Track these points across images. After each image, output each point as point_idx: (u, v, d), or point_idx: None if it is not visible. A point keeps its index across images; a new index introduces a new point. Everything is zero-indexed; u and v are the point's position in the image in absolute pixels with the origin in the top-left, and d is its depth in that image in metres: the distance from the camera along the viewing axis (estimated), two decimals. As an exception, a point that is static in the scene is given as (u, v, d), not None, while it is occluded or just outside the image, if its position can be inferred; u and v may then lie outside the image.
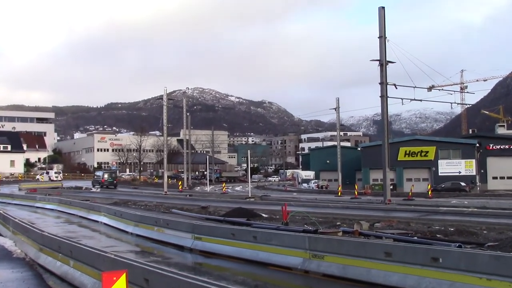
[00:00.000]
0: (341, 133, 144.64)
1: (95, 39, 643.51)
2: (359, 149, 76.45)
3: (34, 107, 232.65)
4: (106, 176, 68.08)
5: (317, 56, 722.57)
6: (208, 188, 65.57)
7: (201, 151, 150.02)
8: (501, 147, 67.69)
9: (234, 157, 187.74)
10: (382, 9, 34.22)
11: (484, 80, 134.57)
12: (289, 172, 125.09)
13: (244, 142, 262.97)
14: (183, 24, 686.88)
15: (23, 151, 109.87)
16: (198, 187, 75.54)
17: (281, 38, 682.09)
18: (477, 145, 66.70)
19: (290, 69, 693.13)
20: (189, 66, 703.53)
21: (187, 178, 72.96)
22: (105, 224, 22.63)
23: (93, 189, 58.22)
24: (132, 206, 32.67)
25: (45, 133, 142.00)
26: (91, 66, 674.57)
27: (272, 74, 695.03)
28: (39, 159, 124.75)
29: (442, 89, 43.66)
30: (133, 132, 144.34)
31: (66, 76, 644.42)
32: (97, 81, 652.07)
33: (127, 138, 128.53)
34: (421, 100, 40.01)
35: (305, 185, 79.47)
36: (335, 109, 60.42)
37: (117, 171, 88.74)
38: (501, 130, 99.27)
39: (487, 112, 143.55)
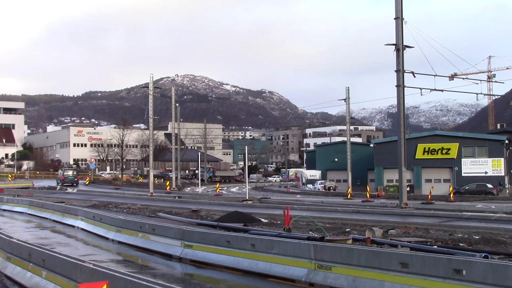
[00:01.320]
0: (352, 127, 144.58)
1: (73, 21, 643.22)
2: (371, 145, 76.43)
3: (0, 96, 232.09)
4: (68, 173, 75.19)
5: (325, 40, 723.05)
6: (199, 189, 65.58)
7: (192, 147, 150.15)
8: (534, 144, 67.84)
9: (229, 154, 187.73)
10: (399, -14, 34.22)
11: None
12: (292, 171, 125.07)
13: (241, 137, 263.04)
14: (172, 2, 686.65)
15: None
16: (189, 188, 75.50)
17: (285, 20, 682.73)
18: (506, 141, 66.70)
19: (294, 55, 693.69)
20: (179, 50, 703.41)
21: (176, 178, 72.96)
22: (82, 229, 22.63)
23: (69, 189, 58.22)
24: (113, 209, 32.67)
25: (13, 126, 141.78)
26: (68, 51, 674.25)
27: (273, 60, 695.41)
28: (6, 155, 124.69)
29: (467, 78, 43.65)
30: (114, 125, 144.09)
31: (39, 62, 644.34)
32: (75, 67, 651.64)
33: (107, 132, 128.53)
34: (442, 91, 40.03)
35: (310, 186, 79.50)
36: (344, 100, 60.37)
37: (77, 170, 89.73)
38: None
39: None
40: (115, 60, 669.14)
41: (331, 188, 75.05)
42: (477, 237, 18.01)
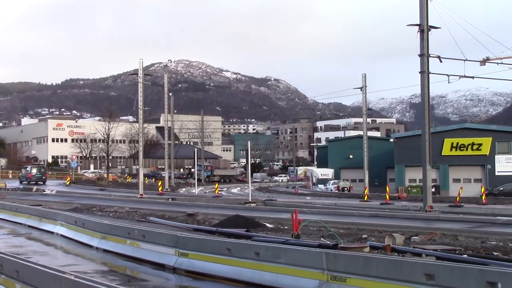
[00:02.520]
0: (369, 119, 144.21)
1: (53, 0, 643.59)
2: (391, 140, 76.47)
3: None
4: (34, 171, 77.78)
5: (340, 22, 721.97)
6: (196, 190, 65.63)
7: (187, 143, 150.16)
8: None
9: (229, 150, 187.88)
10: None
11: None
12: (301, 169, 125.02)
13: (242, 131, 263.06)
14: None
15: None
16: (184, 189, 75.58)
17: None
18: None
19: (304, 38, 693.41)
20: (173, 32, 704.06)
21: (169, 177, 73.02)
22: (62, 236, 22.64)
23: (47, 191, 58.32)
24: (98, 213, 32.70)
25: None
26: (46, 33, 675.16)
27: (280, 44, 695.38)
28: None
29: (501, 63, 43.34)
30: (99, 117, 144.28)
31: (13, 45, 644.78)
32: (54, 51, 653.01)
33: (91, 125, 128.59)
34: (473, 77, 39.92)
35: (321, 186, 79.52)
36: (361, 88, 60.23)
37: (46, 167, 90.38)
38: None
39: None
40: (100, 44, 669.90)
41: (345, 188, 75.06)
42: (513, 245, 17.97)
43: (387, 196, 48.48)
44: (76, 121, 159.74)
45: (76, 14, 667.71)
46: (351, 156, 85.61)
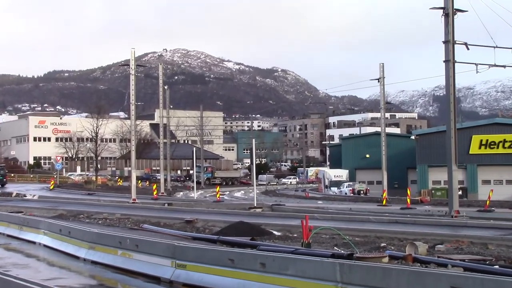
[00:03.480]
0: (387, 114, 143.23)
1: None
2: (413, 137, 76.22)
3: None
4: None
5: (355, 5, 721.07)
6: (195, 194, 65.66)
7: (185, 141, 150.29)
8: None
9: (232, 150, 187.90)
10: None
11: None
12: (311, 171, 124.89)
13: (246, 128, 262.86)
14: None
15: None
16: (181, 193, 75.61)
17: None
18: None
19: (315, 24, 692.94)
20: (168, 19, 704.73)
21: (165, 180, 73.04)
22: (46, 246, 22.64)
23: (28, 196, 58.39)
24: (85, 220, 32.72)
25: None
26: (27, 20, 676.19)
27: (288, 31, 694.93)
28: None
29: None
30: (86, 114, 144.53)
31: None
32: (36, 40, 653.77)
33: (77, 122, 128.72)
34: (504, 67, 39.72)
35: (334, 189, 79.41)
36: (378, 80, 60.08)
37: (4, 169, 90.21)
38: None
39: None
40: (88, 32, 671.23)
41: (362, 191, 74.95)
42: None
43: (408, 200, 48.36)
44: (60, 118, 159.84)
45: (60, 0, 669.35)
46: (367, 156, 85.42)
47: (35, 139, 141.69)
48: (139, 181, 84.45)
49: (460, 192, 48.04)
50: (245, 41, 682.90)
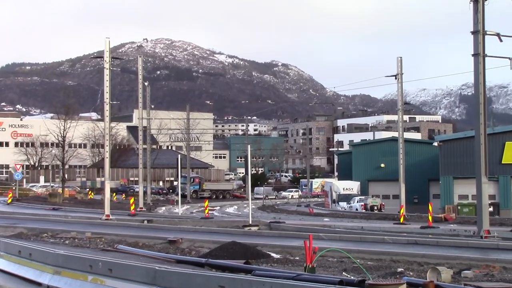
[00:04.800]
0: (406, 116, 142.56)
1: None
2: (435, 144, 76.22)
3: None
4: None
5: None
6: (180, 210, 65.53)
7: (168, 147, 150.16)
8: None
9: (224, 157, 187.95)
10: None
11: None
12: (317, 182, 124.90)
13: (241, 132, 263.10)
14: None
15: None
16: (163, 208, 75.42)
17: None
18: None
19: (322, 12, 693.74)
20: (150, 3, 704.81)
21: (145, 193, 72.95)
22: (1, 271, 22.56)
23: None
24: (50, 240, 32.66)
25: None
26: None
27: (290, 20, 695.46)
28: None
29: None
30: (51, 114, 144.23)
31: None
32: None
33: (41, 124, 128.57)
34: (543, 62, 39.79)
35: (343, 204, 79.35)
36: (395, 76, 60.15)
37: None
38: None
39: None
40: (54, 18, 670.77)
41: (375, 207, 74.87)
42: None
43: (430, 218, 48.34)
44: (21, 119, 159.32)
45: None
46: (382, 165, 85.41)
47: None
48: (114, 194, 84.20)
49: (491, 209, 48.11)
50: (239, 30, 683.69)
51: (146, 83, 76.84)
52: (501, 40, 35.73)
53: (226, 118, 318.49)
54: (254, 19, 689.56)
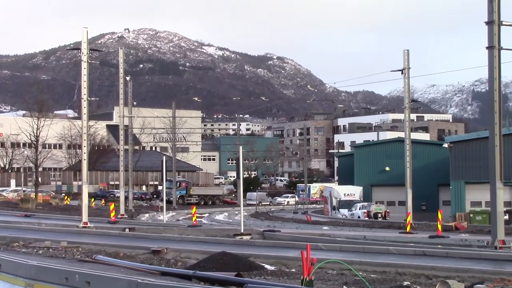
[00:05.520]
0: (413, 115, 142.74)
1: None
2: (445, 145, 76.33)
3: None
4: None
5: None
6: (164, 217, 65.50)
7: (152, 148, 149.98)
8: None
9: (213, 160, 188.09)
10: None
11: None
12: (315, 187, 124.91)
13: (232, 132, 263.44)
14: None
15: None
16: (147, 215, 75.44)
17: None
18: None
19: (321, 0, 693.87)
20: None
21: (126, 198, 72.91)
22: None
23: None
24: (21, 250, 32.60)
25: None
26: None
27: (286, 9, 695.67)
28: None
29: None
30: (23, 112, 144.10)
31: None
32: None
33: (11, 123, 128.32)
34: None
35: (344, 211, 79.47)
36: (401, 71, 60.20)
37: None
38: None
39: None
40: (26, 5, 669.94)
41: (379, 215, 74.96)
42: None
43: (439, 226, 48.44)
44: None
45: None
46: (387, 169, 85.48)
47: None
48: (93, 200, 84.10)
49: (506, 217, 48.13)
50: (230, 20, 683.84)
51: (127, 78, 76.76)
52: (517, 32, 35.82)
53: (215, 116, 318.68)
54: (247, 8, 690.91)
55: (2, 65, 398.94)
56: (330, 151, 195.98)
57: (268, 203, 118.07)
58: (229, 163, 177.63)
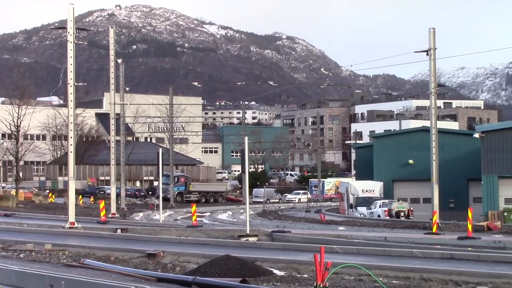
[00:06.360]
0: (440, 102, 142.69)
1: None
2: (476, 135, 76.25)
3: None
4: None
5: None
6: (161, 216, 65.60)
7: (147, 139, 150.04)
8: None
9: (216, 152, 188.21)
10: None
11: None
12: (329, 183, 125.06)
13: (236, 121, 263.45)
14: None
15: None
16: (141, 214, 75.55)
17: None
18: None
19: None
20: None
21: (118, 195, 73.03)
22: None
23: None
24: (1, 253, 32.69)
25: None
26: None
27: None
28: None
29: None
30: (2, 98, 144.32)
31: None
32: None
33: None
34: None
35: (362, 210, 79.46)
36: (426, 52, 60.18)
37: None
38: None
39: None
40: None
41: (402, 213, 74.92)
42: None
43: (470, 226, 48.42)
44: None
45: None
46: (410, 162, 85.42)
47: None
48: (80, 197, 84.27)
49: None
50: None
51: (119, 60, 76.85)
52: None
53: (218, 103, 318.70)
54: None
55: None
56: (347, 142, 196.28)
57: (277, 200, 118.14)
58: (233, 156, 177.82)
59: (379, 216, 74.42)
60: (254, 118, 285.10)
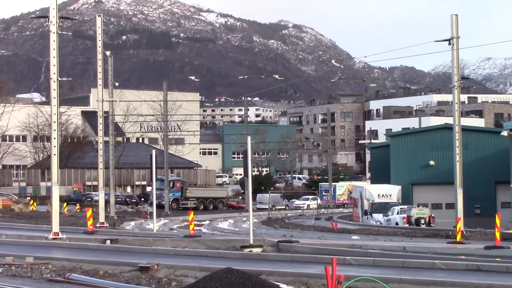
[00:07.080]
0: (464, 96, 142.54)
1: None
2: (504, 133, 76.33)
3: None
4: None
5: None
6: (155, 225, 65.71)
7: (139, 140, 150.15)
8: None
9: (215, 154, 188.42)
10: None
11: None
12: (342, 187, 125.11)
13: (238, 119, 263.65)
14: None
15: None
16: (132, 223, 75.64)
17: None
18: None
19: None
20: None
21: (107, 202, 73.10)
22: None
23: None
24: (-23, 266, 32.74)
25: None
26: None
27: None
28: None
29: None
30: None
31: None
32: None
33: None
34: None
35: (378, 217, 79.52)
36: (449, 41, 60.24)
37: None
38: None
39: None
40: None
41: (422, 220, 74.94)
42: None
43: (497, 234, 48.46)
44: None
45: None
46: (431, 163, 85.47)
47: None
48: (65, 204, 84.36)
49: None
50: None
51: (107, 53, 76.97)
52: None
53: (217, 100, 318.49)
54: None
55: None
56: (360, 141, 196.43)
57: (284, 207, 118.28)
58: (234, 157, 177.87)
59: (397, 223, 74.45)
60: (257, 115, 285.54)
